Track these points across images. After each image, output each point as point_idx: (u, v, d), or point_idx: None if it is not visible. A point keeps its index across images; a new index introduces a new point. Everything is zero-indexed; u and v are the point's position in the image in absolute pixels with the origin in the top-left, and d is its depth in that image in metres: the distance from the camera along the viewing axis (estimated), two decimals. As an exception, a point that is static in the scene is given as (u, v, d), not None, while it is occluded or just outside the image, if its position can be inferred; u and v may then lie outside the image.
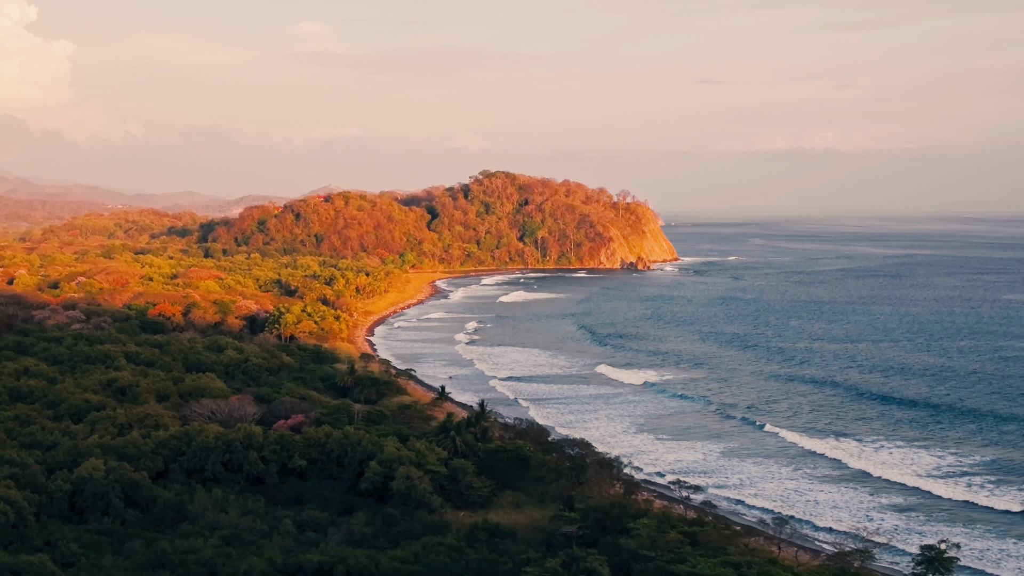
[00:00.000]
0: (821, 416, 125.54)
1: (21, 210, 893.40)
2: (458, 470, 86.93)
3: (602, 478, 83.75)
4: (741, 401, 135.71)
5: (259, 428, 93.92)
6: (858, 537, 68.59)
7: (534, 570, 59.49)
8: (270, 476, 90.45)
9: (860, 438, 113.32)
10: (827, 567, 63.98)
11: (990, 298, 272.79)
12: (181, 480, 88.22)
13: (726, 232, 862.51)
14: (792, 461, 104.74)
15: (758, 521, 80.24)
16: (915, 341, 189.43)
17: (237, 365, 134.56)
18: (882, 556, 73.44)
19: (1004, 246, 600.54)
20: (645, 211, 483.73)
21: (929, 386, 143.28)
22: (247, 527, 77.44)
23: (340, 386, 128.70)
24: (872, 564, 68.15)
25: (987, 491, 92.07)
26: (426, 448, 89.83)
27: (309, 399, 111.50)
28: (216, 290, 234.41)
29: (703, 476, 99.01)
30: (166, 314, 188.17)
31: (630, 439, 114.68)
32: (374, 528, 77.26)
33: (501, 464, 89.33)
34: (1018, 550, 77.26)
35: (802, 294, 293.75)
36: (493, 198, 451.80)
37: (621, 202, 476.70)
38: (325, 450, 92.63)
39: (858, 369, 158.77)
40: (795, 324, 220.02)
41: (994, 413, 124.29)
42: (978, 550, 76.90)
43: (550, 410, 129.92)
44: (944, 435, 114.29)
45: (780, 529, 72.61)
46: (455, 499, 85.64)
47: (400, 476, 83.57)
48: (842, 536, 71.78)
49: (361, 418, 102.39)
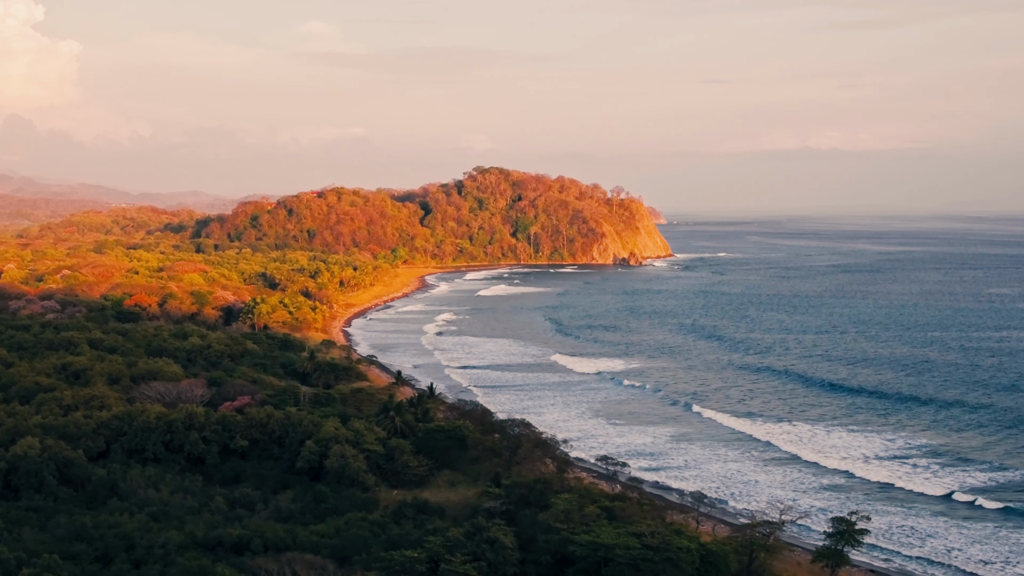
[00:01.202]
0: (772, 403, 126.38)
1: (24, 208, 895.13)
2: (395, 449, 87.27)
3: (535, 457, 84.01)
4: (699, 389, 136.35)
5: (201, 409, 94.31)
6: (777, 512, 68.72)
7: (436, 539, 59.76)
8: (211, 456, 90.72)
9: (810, 423, 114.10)
10: (733, 538, 64.21)
11: (974, 292, 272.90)
12: (121, 460, 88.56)
13: (726, 230, 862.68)
14: (737, 445, 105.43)
15: (685, 497, 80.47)
16: (886, 332, 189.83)
17: (199, 351, 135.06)
18: (800, 532, 73.84)
19: (1001, 243, 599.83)
20: (639, 207, 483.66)
21: (887, 375, 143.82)
22: (177, 504, 77.85)
23: (300, 372, 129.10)
24: (785, 538, 68.37)
25: (921, 475, 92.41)
26: (365, 428, 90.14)
27: (261, 382, 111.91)
28: (199, 282, 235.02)
29: (649, 458, 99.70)
30: (142, 304, 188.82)
31: (581, 424, 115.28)
32: (302, 505, 77.61)
33: (439, 444, 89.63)
34: (929, 528, 77.90)
35: (784, 288, 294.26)
36: (487, 194, 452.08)
37: (615, 198, 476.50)
38: (267, 431, 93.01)
39: (820, 359, 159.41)
40: (770, 316, 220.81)
41: (946, 401, 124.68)
42: (905, 529, 77.41)
43: (504, 397, 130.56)
44: (891, 422, 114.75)
45: (699, 504, 72.88)
46: (391, 478, 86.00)
47: (334, 455, 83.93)
48: (761, 513, 71.88)
49: (307, 400, 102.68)
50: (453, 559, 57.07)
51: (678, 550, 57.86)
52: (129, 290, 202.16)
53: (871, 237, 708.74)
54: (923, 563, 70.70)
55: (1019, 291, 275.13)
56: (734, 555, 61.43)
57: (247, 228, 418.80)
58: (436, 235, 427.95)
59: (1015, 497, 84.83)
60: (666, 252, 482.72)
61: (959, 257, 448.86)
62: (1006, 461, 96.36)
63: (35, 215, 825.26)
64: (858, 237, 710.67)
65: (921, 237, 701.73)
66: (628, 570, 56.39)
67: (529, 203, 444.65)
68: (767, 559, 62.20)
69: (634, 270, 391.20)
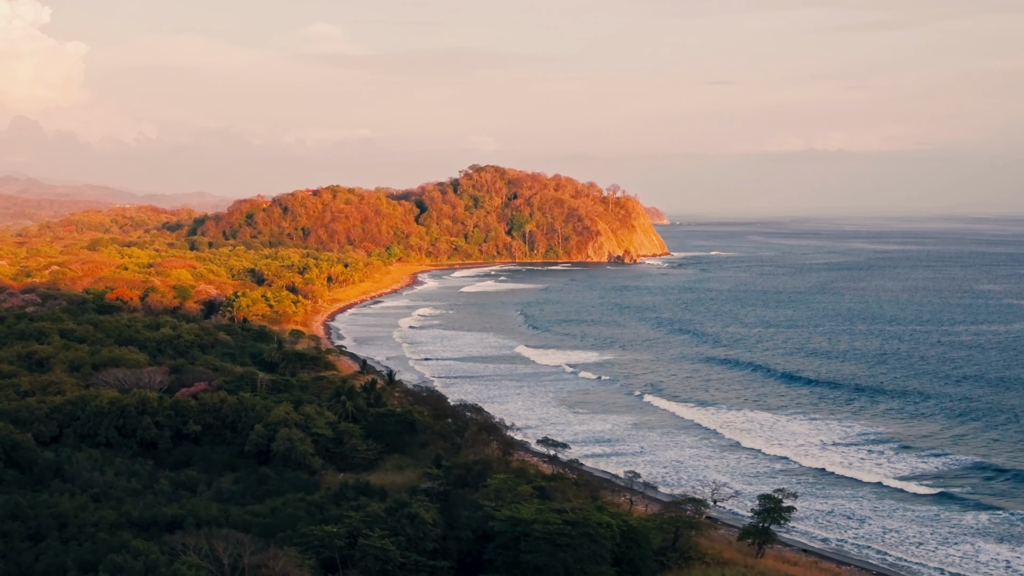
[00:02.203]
0: (731, 393, 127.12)
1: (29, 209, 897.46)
2: (344, 433, 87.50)
3: (482, 440, 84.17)
4: (661, 380, 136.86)
5: (155, 394, 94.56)
6: (710, 493, 68.90)
7: (357, 515, 59.91)
8: (163, 441, 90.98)
9: (768, 412, 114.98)
10: (659, 515, 64.31)
11: (962, 288, 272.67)
12: (73, 444, 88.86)
13: (727, 230, 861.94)
14: (692, 433, 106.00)
15: (619, 479, 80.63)
16: (861, 326, 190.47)
17: (168, 341, 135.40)
18: (736, 513, 73.93)
19: (1001, 242, 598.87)
20: (635, 205, 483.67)
21: (852, 367, 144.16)
22: (121, 486, 78.06)
23: (268, 361, 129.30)
24: (725, 519, 68.59)
25: (867, 462, 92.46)
26: (315, 412, 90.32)
27: (222, 370, 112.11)
28: (186, 278, 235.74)
29: (605, 444, 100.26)
30: (123, 298, 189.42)
31: (543, 412, 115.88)
32: (244, 486, 77.83)
33: (389, 428, 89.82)
34: (868, 511, 78.10)
35: (769, 284, 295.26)
36: (482, 192, 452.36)
37: (611, 196, 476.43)
38: (220, 416, 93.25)
39: (788, 352, 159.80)
40: (747, 311, 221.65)
41: (906, 391, 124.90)
42: (845, 512, 77.55)
43: (471, 387, 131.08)
44: (846, 411, 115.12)
45: (632, 483, 73.01)
46: (340, 462, 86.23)
47: (281, 438, 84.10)
48: (693, 493, 72.04)
49: (264, 387, 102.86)
50: (371, 534, 57.18)
51: (597, 525, 57.90)
52: (112, 284, 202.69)
53: (870, 237, 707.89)
54: (857, 545, 70.72)
55: (1007, 287, 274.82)
56: (657, 532, 61.51)
57: (242, 226, 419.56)
58: (431, 233, 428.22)
59: (955, 483, 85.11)
60: (662, 250, 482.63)
61: (954, 255, 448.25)
62: (951, 449, 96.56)
63: (39, 215, 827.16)
64: (857, 237, 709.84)
65: (920, 236, 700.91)
66: (544, 544, 56.42)
67: (525, 201, 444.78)
68: (692, 536, 62.27)
69: (627, 268, 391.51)
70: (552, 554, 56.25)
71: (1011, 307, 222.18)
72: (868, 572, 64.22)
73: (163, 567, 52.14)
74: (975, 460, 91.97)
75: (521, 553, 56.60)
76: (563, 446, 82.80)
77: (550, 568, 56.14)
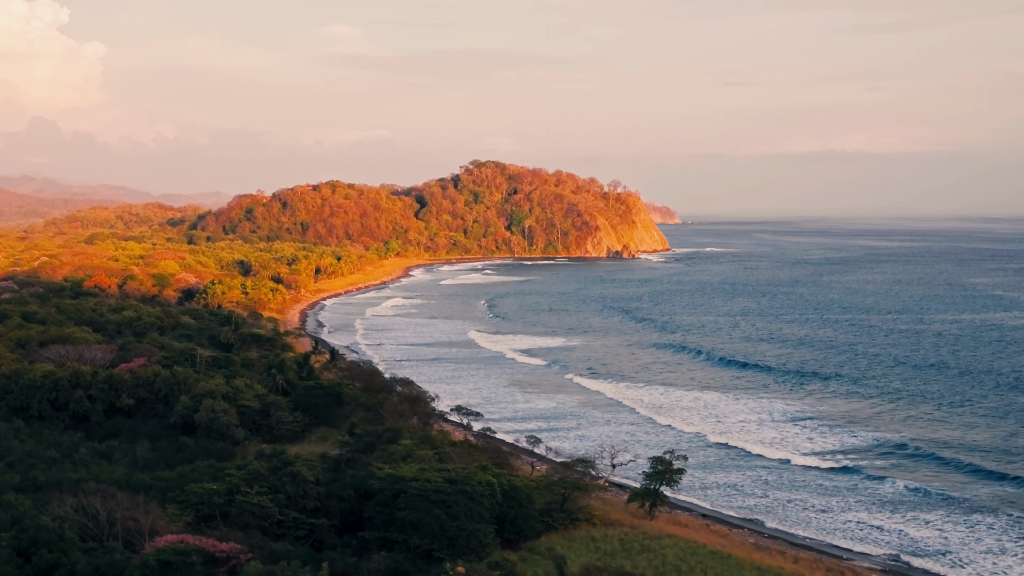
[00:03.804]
0: (668, 375, 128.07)
1: (42, 208, 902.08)
2: (271, 405, 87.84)
3: (403, 411, 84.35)
4: (601, 364, 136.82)
5: (89, 368, 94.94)
6: (608, 457, 68.84)
7: (238, 472, 60.14)
8: (95, 414, 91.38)
9: (700, 391, 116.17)
10: (547, 475, 64.32)
11: (950, 281, 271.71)
12: (5, 417, 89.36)
13: (736, 229, 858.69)
14: (622, 411, 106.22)
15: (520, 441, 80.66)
16: (830, 315, 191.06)
17: (128, 323, 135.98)
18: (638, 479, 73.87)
19: (1008, 240, 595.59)
20: (636, 201, 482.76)
21: (801, 353, 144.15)
22: (38, 454, 78.47)
23: (224, 342, 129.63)
24: (615, 482, 68.51)
25: (789, 440, 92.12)
26: (245, 385, 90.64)
27: (168, 348, 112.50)
28: (173, 268, 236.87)
29: (534, 421, 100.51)
30: (101, 286, 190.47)
31: (489, 392, 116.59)
32: (159, 455, 78.24)
33: (317, 400, 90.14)
34: (780, 482, 78.35)
35: (753, 277, 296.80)
36: (482, 187, 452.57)
37: (612, 192, 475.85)
38: (153, 389, 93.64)
39: (739, 339, 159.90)
40: (716, 302, 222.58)
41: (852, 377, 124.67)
42: (757, 482, 77.46)
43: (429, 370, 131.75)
44: (771, 393, 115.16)
45: (534, 447, 73.18)
46: (266, 433, 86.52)
47: (204, 409, 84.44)
48: (591, 457, 71.93)
49: (204, 362, 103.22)
50: (249, 491, 57.40)
51: (476, 484, 57.94)
52: (91, 272, 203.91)
53: (878, 234, 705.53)
54: (762, 510, 70.60)
55: (998, 280, 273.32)
56: (543, 492, 61.50)
57: (241, 221, 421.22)
58: (430, 228, 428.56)
59: (861, 458, 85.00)
60: (663, 246, 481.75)
61: (955, 252, 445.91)
62: (862, 427, 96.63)
63: (51, 214, 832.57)
64: (865, 235, 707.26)
65: (927, 234, 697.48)
66: (419, 501, 56.49)
67: (524, 196, 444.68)
68: (580, 497, 62.18)
69: (623, 262, 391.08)
70: (427, 510, 56.31)
71: (994, 298, 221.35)
72: (760, 535, 64.02)
73: (29, 519, 52.40)
74: (885, 437, 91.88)
75: (396, 510, 56.70)
76: (476, 415, 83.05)
77: (425, 524, 56.20)
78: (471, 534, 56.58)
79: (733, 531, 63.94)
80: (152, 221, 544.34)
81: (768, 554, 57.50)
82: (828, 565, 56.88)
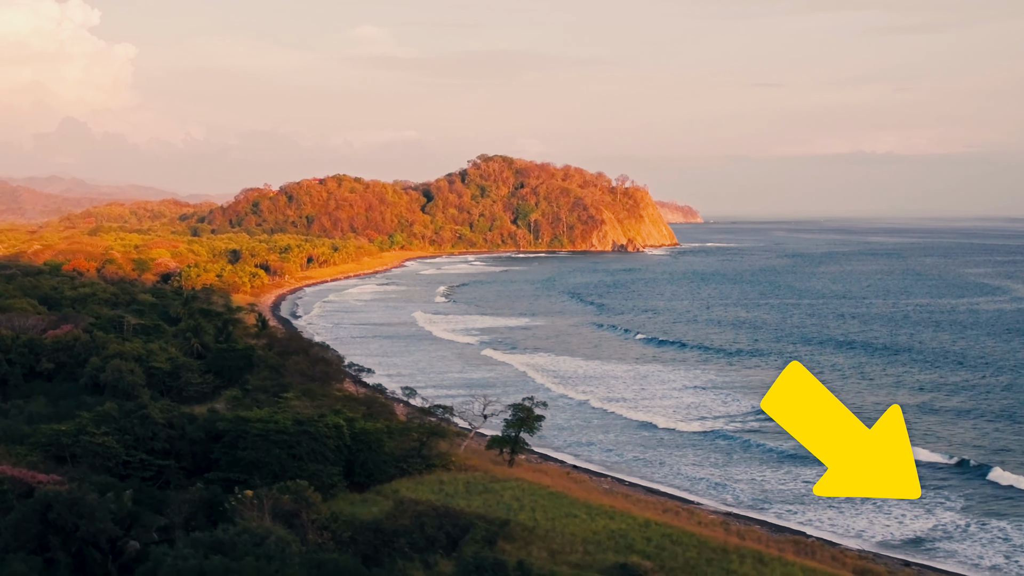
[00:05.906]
0: (591, 351, 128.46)
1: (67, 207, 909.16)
2: (182, 367, 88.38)
3: (303, 369, 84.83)
4: (527, 343, 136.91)
5: (9, 332, 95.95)
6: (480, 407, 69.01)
7: (88, 414, 60.76)
8: (14, 378, 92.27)
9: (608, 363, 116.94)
10: (403, 422, 64.50)
11: (948, 271, 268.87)
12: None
13: (754, 227, 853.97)
14: (528, 383, 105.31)
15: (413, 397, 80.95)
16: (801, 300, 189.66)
17: (83, 300, 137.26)
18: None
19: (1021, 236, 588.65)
20: (643, 196, 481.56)
21: (726, 333, 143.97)
22: (-59, 412, 79.39)
23: (173, 316, 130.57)
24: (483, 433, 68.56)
25: (673, 412, 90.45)
26: (159, 348, 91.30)
27: (103, 317, 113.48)
28: (164, 256, 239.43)
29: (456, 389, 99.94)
30: (80, 269, 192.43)
31: (428, 364, 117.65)
32: (55, 410, 78.85)
33: (229, 364, 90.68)
34: (662, 443, 78.66)
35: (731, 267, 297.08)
36: (489, 182, 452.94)
37: (619, 187, 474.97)
38: (72, 353, 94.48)
39: (684, 322, 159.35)
40: (683, 288, 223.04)
41: (770, 352, 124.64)
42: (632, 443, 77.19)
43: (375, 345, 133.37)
44: (687, 368, 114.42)
45: (409, 396, 73.64)
46: (175, 395, 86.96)
47: (110, 369, 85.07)
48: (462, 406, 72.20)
49: (130, 328, 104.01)
50: (95, 432, 57.84)
51: (322, 425, 58.19)
52: (70, 256, 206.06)
53: (893, 232, 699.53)
54: (633, 466, 70.36)
55: (996, 270, 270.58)
56: (399, 437, 61.69)
57: (248, 214, 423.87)
58: (436, 222, 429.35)
59: (748, 423, 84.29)
60: (671, 241, 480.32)
61: (965, 246, 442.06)
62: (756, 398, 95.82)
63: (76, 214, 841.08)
64: (881, 232, 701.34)
65: (941, 232, 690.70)
66: (259, 441, 56.82)
67: (531, 190, 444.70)
68: (437, 443, 62.22)
69: (626, 256, 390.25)
70: (267, 450, 56.60)
71: (981, 286, 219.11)
72: (619, 483, 63.78)
73: None
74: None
75: (239, 451, 57.00)
76: (369, 371, 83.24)
77: (267, 464, 56.43)
78: (313, 474, 56.68)
79: (593, 479, 63.71)
80: (165, 216, 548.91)
81: (611, 496, 57.24)
82: (667, 506, 56.53)
